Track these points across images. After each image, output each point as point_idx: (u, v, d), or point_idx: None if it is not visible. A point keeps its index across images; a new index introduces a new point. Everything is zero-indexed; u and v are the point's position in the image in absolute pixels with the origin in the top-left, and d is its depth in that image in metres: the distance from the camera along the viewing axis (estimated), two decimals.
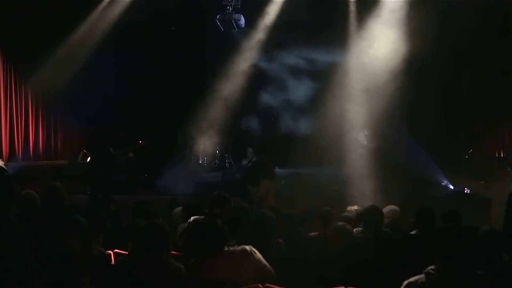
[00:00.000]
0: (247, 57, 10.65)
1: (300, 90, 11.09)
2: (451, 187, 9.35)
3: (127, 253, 3.59)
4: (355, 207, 5.60)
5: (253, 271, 3.17)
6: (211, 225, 3.31)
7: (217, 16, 9.64)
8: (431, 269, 2.70)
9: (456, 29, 9.60)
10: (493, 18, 9.74)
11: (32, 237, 3.66)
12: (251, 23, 10.19)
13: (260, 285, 3.10)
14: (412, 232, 4.24)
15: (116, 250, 3.79)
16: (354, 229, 4.29)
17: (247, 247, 3.25)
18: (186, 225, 4.47)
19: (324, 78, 10.26)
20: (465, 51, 9.99)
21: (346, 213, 5.11)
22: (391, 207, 5.04)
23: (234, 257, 3.20)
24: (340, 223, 4.04)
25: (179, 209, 5.18)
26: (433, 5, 8.74)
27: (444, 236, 2.80)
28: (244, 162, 9.79)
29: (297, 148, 9.89)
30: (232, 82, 10.65)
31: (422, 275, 2.72)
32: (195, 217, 4.48)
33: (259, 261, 3.24)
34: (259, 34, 10.34)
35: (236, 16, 9.49)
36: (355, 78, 9.39)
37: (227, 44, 10.89)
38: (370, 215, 4.50)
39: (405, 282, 2.76)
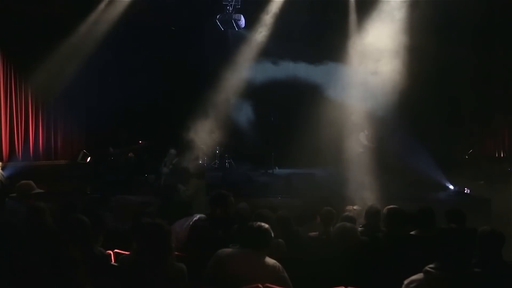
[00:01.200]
0: (247, 57, 10.66)
1: (299, 91, 11.10)
2: (451, 187, 9.35)
3: (127, 253, 3.58)
4: (355, 207, 5.61)
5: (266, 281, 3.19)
6: (257, 225, 3.41)
7: (217, 16, 9.64)
8: (430, 267, 2.73)
9: (458, 28, 9.60)
10: (493, 18, 9.74)
11: (32, 236, 3.67)
12: (251, 23, 10.20)
13: (260, 285, 3.11)
14: (412, 232, 4.24)
15: (116, 250, 3.78)
16: None
17: (278, 264, 3.30)
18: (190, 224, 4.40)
19: (324, 77, 10.26)
20: (466, 50, 9.99)
21: (347, 213, 5.11)
22: (392, 207, 5.03)
23: (264, 264, 3.26)
24: (346, 223, 4.03)
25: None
26: (434, 5, 8.74)
27: (443, 236, 2.83)
28: (167, 162, 9.75)
29: (297, 148, 9.90)
30: (232, 81, 10.67)
31: (422, 274, 2.75)
32: (200, 215, 4.45)
33: (284, 279, 3.27)
34: (259, 34, 10.35)
35: (236, 16, 9.49)
36: (355, 77, 9.39)
37: (227, 44, 10.89)
38: (371, 215, 4.50)
39: (406, 281, 2.78)
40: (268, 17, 10.06)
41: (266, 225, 3.44)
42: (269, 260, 3.29)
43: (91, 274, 3.02)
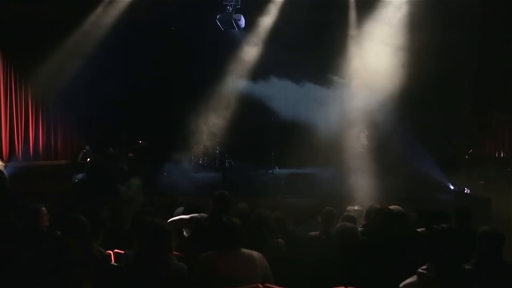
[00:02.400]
0: (247, 57, 10.67)
1: (299, 91, 11.11)
2: (451, 187, 9.34)
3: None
4: (356, 207, 5.60)
5: (261, 275, 3.26)
6: (231, 222, 3.40)
7: (217, 16, 9.64)
8: (423, 269, 2.72)
9: (458, 28, 9.60)
10: (494, 18, 9.74)
11: (32, 237, 3.67)
12: (251, 23, 10.21)
13: (260, 285, 3.12)
14: (419, 230, 4.23)
15: (116, 250, 3.78)
16: None
17: (259, 253, 3.35)
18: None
19: (325, 77, 10.27)
20: (466, 51, 9.99)
21: (348, 213, 5.10)
22: (394, 207, 5.02)
23: (251, 258, 3.29)
24: (346, 223, 4.03)
25: (180, 209, 5.15)
26: (434, 4, 8.74)
27: (433, 236, 2.82)
28: (83, 160, 9.67)
29: (297, 148, 9.90)
30: (232, 81, 10.68)
31: (415, 276, 2.74)
32: (199, 215, 4.46)
33: (267, 268, 3.34)
34: (259, 34, 10.37)
35: (236, 16, 9.49)
36: (355, 77, 9.40)
37: (227, 44, 10.90)
38: (372, 215, 4.49)
39: (401, 285, 2.77)
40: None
41: (237, 221, 3.45)
42: (253, 253, 3.33)
43: (91, 274, 3.02)
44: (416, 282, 2.72)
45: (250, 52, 10.69)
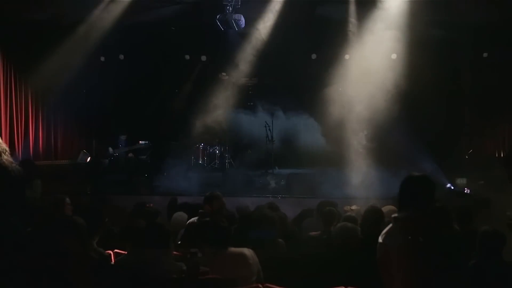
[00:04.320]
0: (246, 57, 10.67)
1: (299, 90, 11.12)
2: (451, 187, 9.34)
3: (126, 253, 3.58)
4: (353, 207, 5.60)
5: (255, 272, 3.27)
6: (216, 224, 3.41)
7: (217, 16, 9.65)
8: (396, 213, 2.82)
9: (458, 30, 9.60)
10: (493, 18, 9.74)
11: (32, 238, 3.67)
12: (251, 23, 10.20)
13: (260, 285, 3.12)
14: None
15: (116, 250, 3.78)
16: None
17: (250, 250, 3.35)
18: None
19: (324, 77, 10.27)
20: (466, 52, 10.00)
21: (349, 213, 5.11)
22: (389, 207, 5.02)
23: (243, 256, 3.29)
24: (347, 223, 4.03)
25: (178, 214, 5.11)
26: (434, 6, 8.74)
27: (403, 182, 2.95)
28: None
29: (297, 148, 9.90)
30: (232, 81, 10.69)
31: (391, 223, 2.81)
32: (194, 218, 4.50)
33: (258, 263, 3.34)
34: (259, 34, 10.36)
35: (236, 16, 9.49)
36: (355, 78, 9.39)
37: (227, 44, 10.90)
38: (371, 215, 4.49)
39: (381, 235, 2.80)
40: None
41: (224, 222, 3.48)
42: (243, 250, 3.33)
43: (91, 274, 3.02)
44: (394, 227, 2.77)
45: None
